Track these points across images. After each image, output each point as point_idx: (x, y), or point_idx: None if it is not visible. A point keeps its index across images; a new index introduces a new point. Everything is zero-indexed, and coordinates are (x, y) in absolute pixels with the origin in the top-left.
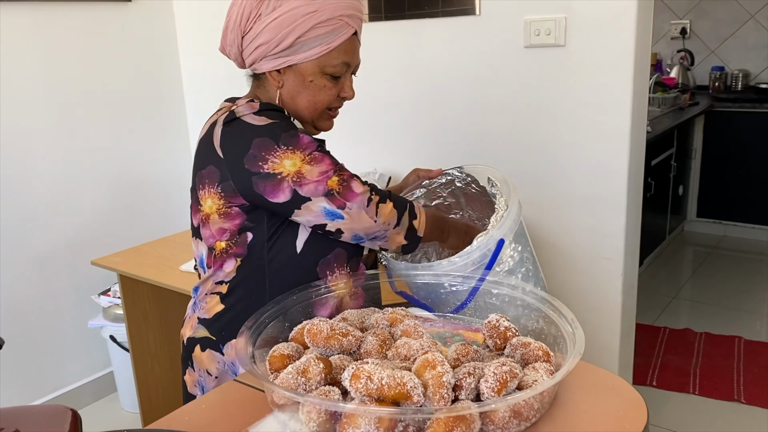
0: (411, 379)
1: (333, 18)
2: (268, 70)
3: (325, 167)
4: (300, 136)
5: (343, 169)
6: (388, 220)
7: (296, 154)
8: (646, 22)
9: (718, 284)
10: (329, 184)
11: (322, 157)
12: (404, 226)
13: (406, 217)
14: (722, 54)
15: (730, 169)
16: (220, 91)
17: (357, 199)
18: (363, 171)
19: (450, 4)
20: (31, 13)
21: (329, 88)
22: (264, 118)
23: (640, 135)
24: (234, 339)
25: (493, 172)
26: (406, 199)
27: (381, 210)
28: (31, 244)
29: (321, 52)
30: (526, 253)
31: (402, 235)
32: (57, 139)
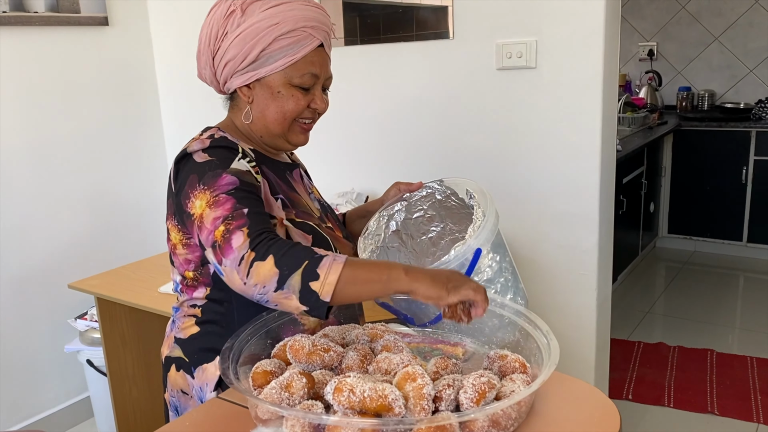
0: (392, 391)
1: (296, 29)
2: (238, 87)
3: (220, 212)
4: (221, 176)
5: (239, 216)
6: (263, 282)
7: (205, 195)
8: (614, 44)
9: (690, 299)
10: (215, 235)
11: (225, 200)
12: (293, 289)
13: (297, 278)
14: (688, 75)
15: (698, 186)
16: (197, 113)
17: (231, 255)
18: (341, 190)
19: (424, 28)
20: (7, 37)
21: (298, 98)
22: (206, 156)
23: (610, 153)
24: (206, 363)
25: (472, 184)
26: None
27: (254, 270)
28: (7, 267)
29: (286, 64)
30: (504, 263)
31: (294, 300)
32: (33, 161)
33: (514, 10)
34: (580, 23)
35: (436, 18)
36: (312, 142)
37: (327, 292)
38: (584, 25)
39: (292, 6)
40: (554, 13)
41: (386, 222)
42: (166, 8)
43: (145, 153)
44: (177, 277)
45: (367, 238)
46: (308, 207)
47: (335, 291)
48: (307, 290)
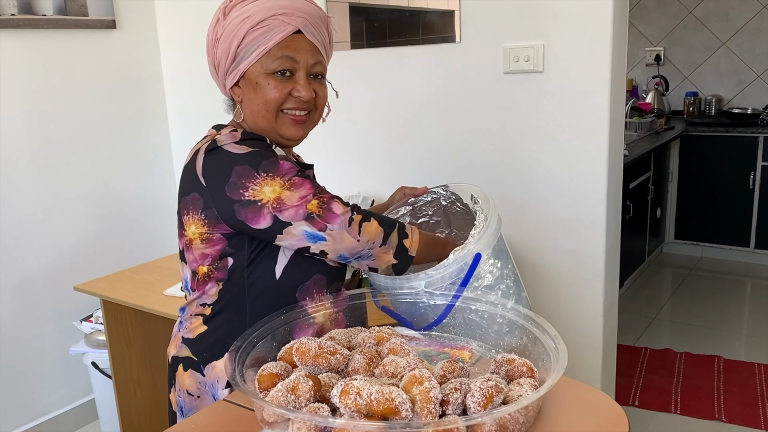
0: (399, 394)
1: (266, 19)
2: (230, 87)
3: (305, 191)
4: (280, 162)
5: (323, 192)
6: (373, 238)
7: (276, 181)
8: (621, 48)
9: (697, 305)
10: (309, 208)
11: (302, 181)
12: (392, 244)
13: (395, 236)
14: (696, 80)
15: (705, 191)
16: (203, 116)
17: (338, 220)
18: (346, 194)
19: (431, 32)
20: (17, 40)
21: (276, 86)
22: (244, 147)
23: (617, 158)
24: (216, 360)
25: (476, 190)
26: (395, 220)
27: (364, 229)
28: (13, 268)
29: (260, 54)
30: (506, 269)
31: (390, 254)
32: (40, 163)
33: (521, 13)
34: (588, 27)
35: (443, 22)
36: (317, 145)
37: (414, 248)
38: (592, 29)
39: (268, 1)
40: (562, 17)
41: None
42: (174, 12)
43: (151, 156)
44: (188, 274)
45: None
46: None
47: (419, 248)
48: (401, 246)
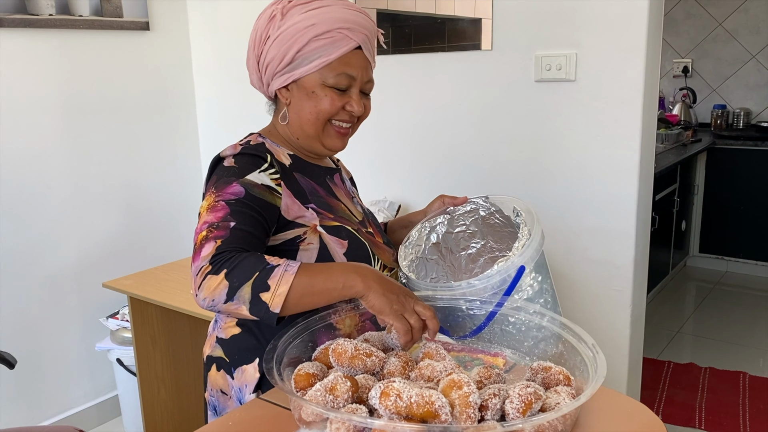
0: (439, 398)
1: (331, 30)
2: (277, 89)
3: (211, 218)
4: (231, 183)
5: (219, 228)
6: (213, 295)
7: (210, 198)
8: (655, 58)
9: (722, 319)
10: (197, 237)
11: (221, 208)
12: (243, 300)
13: (248, 290)
14: (724, 92)
15: (732, 205)
16: (232, 117)
17: (195, 263)
18: (373, 198)
19: (459, 39)
20: (53, 40)
21: (332, 99)
22: (232, 162)
23: (648, 168)
24: (246, 365)
25: (519, 203)
26: (263, 266)
27: (206, 283)
28: (43, 265)
29: (321, 65)
30: (545, 284)
31: (245, 310)
32: (72, 162)
33: (554, 22)
34: (622, 36)
35: (474, 29)
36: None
37: (277, 304)
38: (625, 39)
39: (331, 9)
40: (595, 26)
41: (428, 233)
42: (206, 15)
43: (180, 156)
44: None
45: (408, 247)
46: (348, 211)
47: (286, 301)
48: (257, 301)
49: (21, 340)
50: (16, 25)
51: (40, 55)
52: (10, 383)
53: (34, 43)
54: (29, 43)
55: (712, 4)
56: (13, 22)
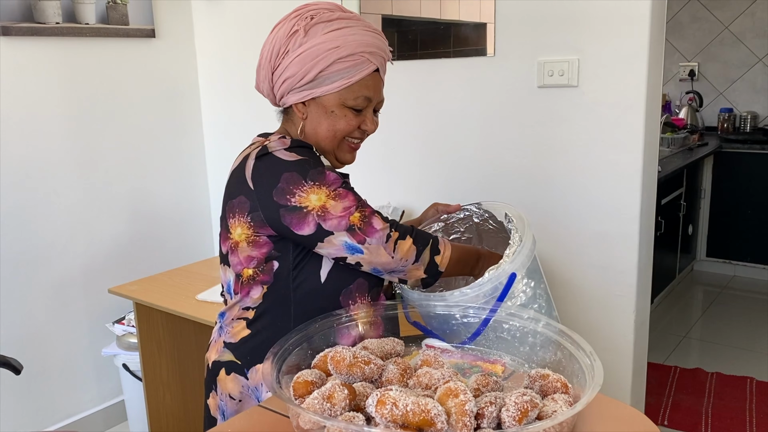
0: (435, 406)
1: (354, 54)
2: (293, 103)
3: (349, 203)
4: (327, 172)
5: (366, 206)
6: (406, 256)
7: (322, 190)
8: (657, 63)
9: (729, 324)
10: (351, 220)
11: (346, 193)
12: (424, 261)
13: (427, 253)
14: (730, 96)
15: (739, 209)
16: (237, 123)
17: (376, 234)
18: (378, 204)
19: (465, 44)
20: (60, 47)
21: (349, 119)
22: (294, 154)
23: (651, 173)
24: (259, 364)
25: (511, 209)
26: (430, 235)
27: (399, 246)
28: (50, 270)
29: (342, 86)
30: (539, 289)
31: (421, 270)
32: (78, 168)
33: (556, 28)
34: (624, 42)
35: (476, 35)
36: None
37: (444, 264)
38: (628, 45)
39: (354, 30)
40: (598, 32)
41: None
42: (210, 22)
43: (186, 162)
44: (231, 277)
45: None
46: None
47: (449, 263)
48: (432, 262)
49: (28, 346)
50: (23, 33)
51: (47, 62)
52: (16, 388)
53: (41, 50)
54: (36, 51)
55: (719, 8)
56: (21, 30)
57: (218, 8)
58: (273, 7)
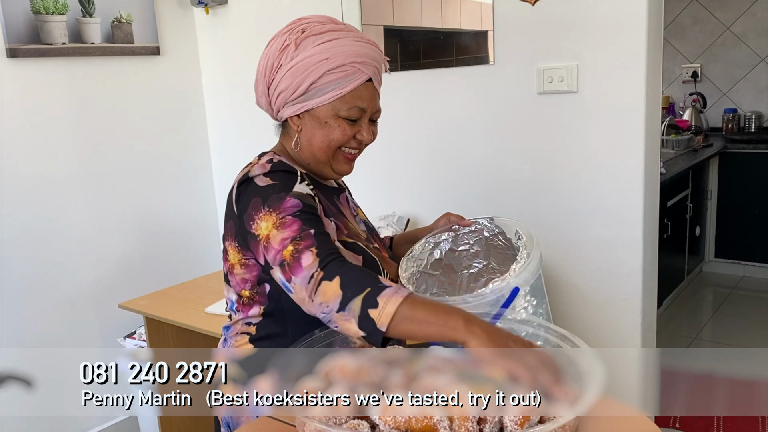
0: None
1: (345, 64)
2: (288, 116)
3: (288, 233)
4: (285, 199)
5: (306, 237)
6: (327, 301)
7: (271, 217)
8: (656, 67)
9: (740, 325)
10: (284, 254)
11: (292, 222)
12: (353, 313)
13: (358, 303)
14: (734, 96)
15: (746, 209)
16: (242, 139)
17: (301, 273)
18: (382, 213)
19: (465, 53)
20: (66, 67)
21: (344, 129)
22: (268, 180)
23: (653, 176)
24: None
25: (521, 226)
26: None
27: (321, 289)
28: (60, 286)
29: (334, 97)
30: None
31: (353, 323)
32: (86, 186)
33: (555, 34)
34: (622, 47)
35: (477, 43)
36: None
37: (383, 322)
38: (626, 49)
39: (344, 42)
40: (596, 37)
41: (431, 249)
42: (215, 39)
43: (193, 178)
44: (233, 296)
45: (410, 260)
46: (355, 229)
47: (391, 322)
48: (365, 316)
49: (40, 361)
50: (30, 54)
51: (55, 82)
52: (29, 403)
53: (48, 71)
54: (44, 72)
55: (720, 9)
56: (28, 51)
57: (222, 24)
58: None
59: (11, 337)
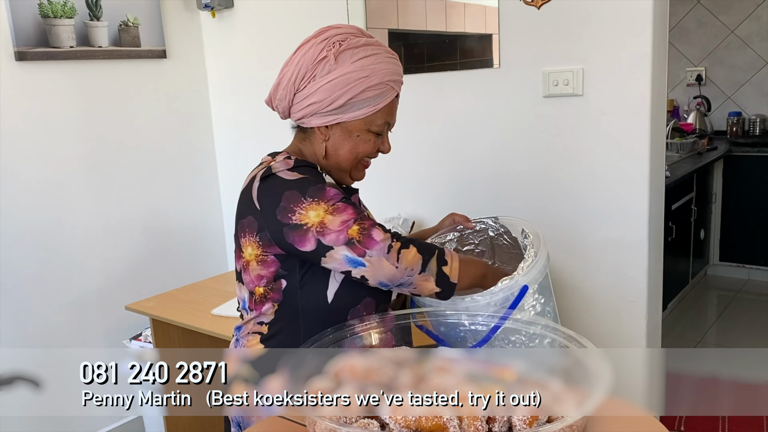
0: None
1: (382, 83)
2: (317, 126)
3: (347, 216)
4: (326, 189)
5: (365, 219)
6: (411, 265)
7: (320, 206)
8: (662, 70)
9: (744, 329)
10: (350, 233)
11: (345, 207)
12: (432, 272)
13: (434, 263)
14: (739, 99)
15: (751, 212)
16: (248, 141)
17: (377, 246)
18: (387, 216)
19: (470, 56)
20: (74, 70)
21: (371, 142)
22: (296, 174)
23: (659, 179)
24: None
25: (527, 225)
26: (435, 246)
27: (403, 255)
28: (67, 288)
29: (368, 113)
30: (548, 307)
31: (432, 282)
32: (92, 189)
33: (560, 38)
34: (628, 50)
35: (482, 47)
36: None
37: (455, 275)
38: (631, 52)
39: (380, 59)
40: (601, 41)
41: None
42: (221, 42)
43: (199, 180)
44: (245, 294)
45: None
46: None
47: (459, 274)
48: (441, 273)
49: (47, 362)
50: (38, 58)
51: (62, 85)
52: (37, 404)
53: (56, 74)
54: (51, 75)
55: (724, 12)
56: (36, 55)
57: (228, 27)
58: (282, 26)
59: (18, 338)
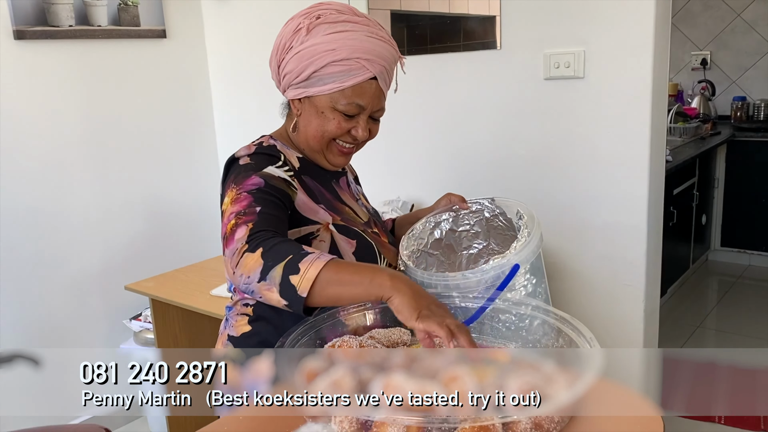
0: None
1: (350, 59)
2: (291, 98)
3: (236, 208)
4: (250, 176)
5: (249, 213)
6: (248, 272)
7: (232, 192)
8: (663, 53)
9: (744, 314)
10: (226, 228)
11: (244, 198)
12: (274, 281)
13: (278, 271)
14: (744, 84)
15: (753, 198)
16: (248, 122)
17: (231, 246)
18: (387, 198)
19: (472, 38)
20: (73, 50)
21: (339, 122)
22: (248, 160)
23: (659, 163)
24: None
25: (522, 207)
26: (298, 251)
27: (243, 260)
28: (67, 268)
29: (334, 89)
30: (540, 288)
31: (275, 292)
32: (92, 169)
33: (562, 19)
34: (629, 33)
35: (484, 28)
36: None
37: (304, 288)
38: (633, 35)
39: (355, 35)
40: (603, 23)
41: (431, 228)
42: (221, 22)
43: (198, 160)
44: None
45: (411, 238)
46: (353, 214)
47: (313, 287)
48: (286, 283)
49: (47, 342)
50: (37, 36)
51: (61, 64)
52: (37, 382)
53: (54, 53)
54: (50, 54)
55: None
56: (35, 34)
57: (228, 7)
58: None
59: (18, 318)
